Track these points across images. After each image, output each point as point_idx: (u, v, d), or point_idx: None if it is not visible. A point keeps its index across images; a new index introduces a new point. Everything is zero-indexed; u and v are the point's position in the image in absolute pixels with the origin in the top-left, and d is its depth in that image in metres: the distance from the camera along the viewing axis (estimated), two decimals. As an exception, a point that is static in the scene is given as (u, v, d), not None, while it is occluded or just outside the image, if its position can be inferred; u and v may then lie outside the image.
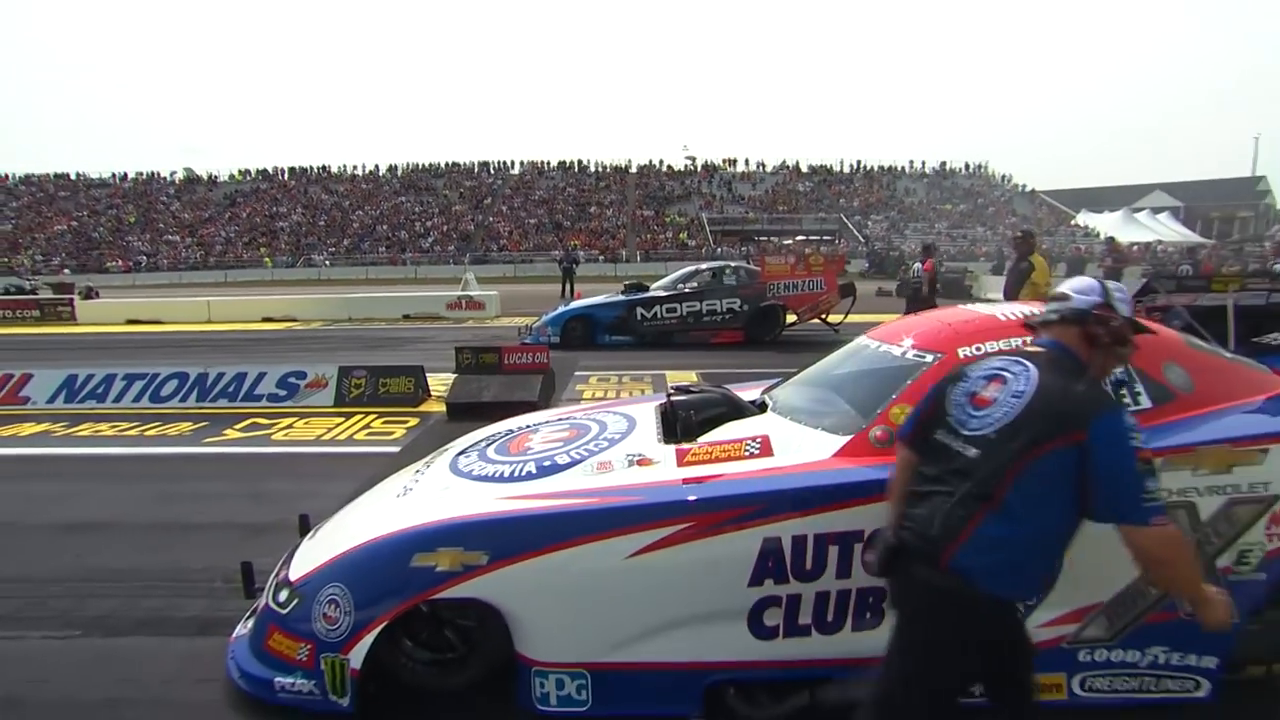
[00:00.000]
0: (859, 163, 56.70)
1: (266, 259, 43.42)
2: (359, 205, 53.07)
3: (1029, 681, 1.75)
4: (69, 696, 2.50)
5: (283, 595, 2.56)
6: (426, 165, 58.74)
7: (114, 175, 57.55)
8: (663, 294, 10.67)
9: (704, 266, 11.00)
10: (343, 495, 4.17)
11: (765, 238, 47.30)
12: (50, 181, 56.31)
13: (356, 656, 2.36)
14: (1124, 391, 2.32)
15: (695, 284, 10.72)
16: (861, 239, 44.87)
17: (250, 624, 2.73)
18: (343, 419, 6.37)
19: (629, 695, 2.37)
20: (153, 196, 55.16)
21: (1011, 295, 6.97)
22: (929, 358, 2.53)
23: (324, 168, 59.00)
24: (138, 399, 6.90)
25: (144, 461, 5.31)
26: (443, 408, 6.60)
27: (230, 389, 6.87)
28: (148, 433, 6.04)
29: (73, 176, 56.98)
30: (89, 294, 16.86)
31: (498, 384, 6.43)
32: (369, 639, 2.35)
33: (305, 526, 3.24)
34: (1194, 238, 54.71)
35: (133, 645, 2.83)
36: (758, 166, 57.13)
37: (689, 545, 2.29)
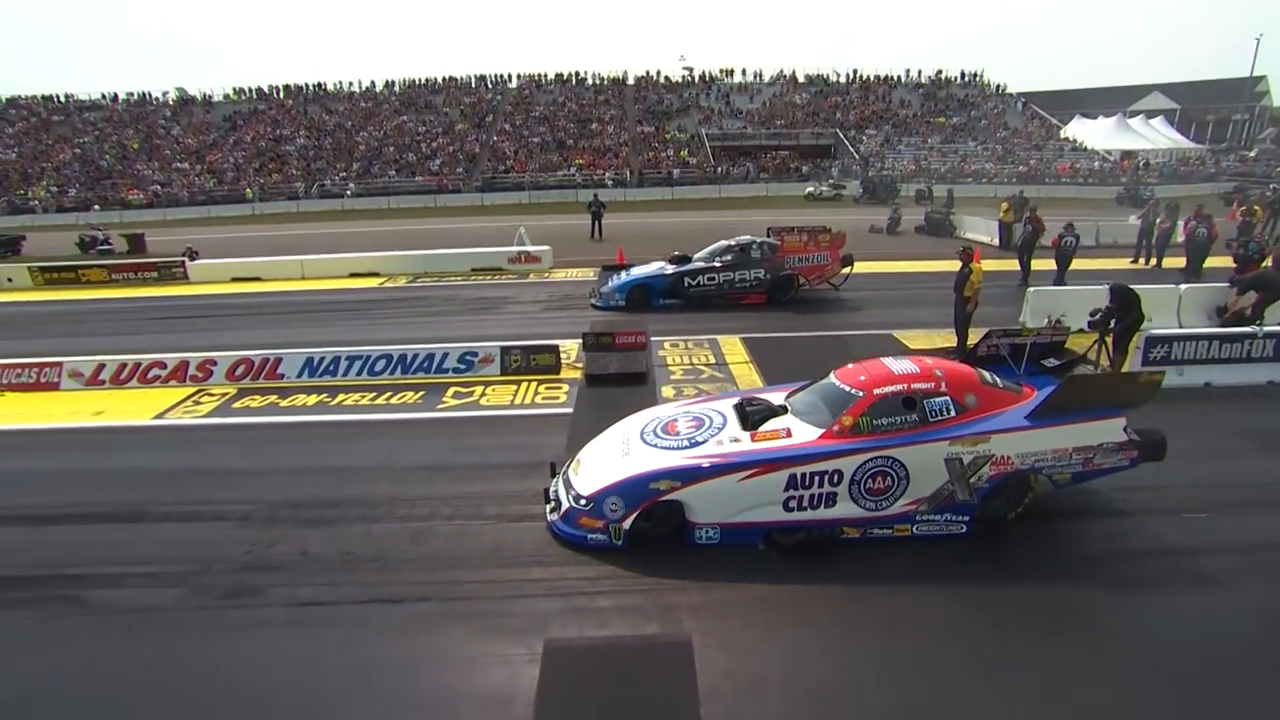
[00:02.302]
0: (855, 72, 57.08)
1: (248, 190, 43.84)
2: (361, 126, 53.55)
3: None
4: (492, 546, 5.84)
5: (582, 502, 5.86)
6: (424, 81, 58.78)
7: (103, 96, 57.35)
8: (703, 265, 13.72)
9: (734, 242, 13.90)
10: (561, 444, 7.47)
11: (765, 153, 48.76)
12: (39, 105, 55.58)
13: (627, 524, 5.70)
14: (941, 410, 5.60)
15: (729, 258, 13.75)
16: (856, 155, 46.57)
17: (556, 515, 6.05)
18: (515, 386, 9.59)
19: (735, 536, 5.74)
20: (149, 120, 55.07)
21: (959, 290, 10.14)
22: (859, 393, 5.78)
23: (319, 85, 58.94)
24: (360, 373, 10.04)
25: (418, 424, 8.54)
26: (576, 374, 9.85)
27: (425, 364, 10.00)
28: (392, 401, 9.26)
29: (61, 99, 56.50)
30: (193, 255, 19.45)
31: (616, 359, 9.65)
32: (632, 518, 5.70)
33: (553, 468, 6.55)
34: (1186, 143, 55.87)
35: (523, 528, 6.17)
36: (754, 77, 57.58)
37: (762, 476, 5.60)
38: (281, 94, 58.32)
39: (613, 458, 6.16)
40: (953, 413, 5.66)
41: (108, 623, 5.08)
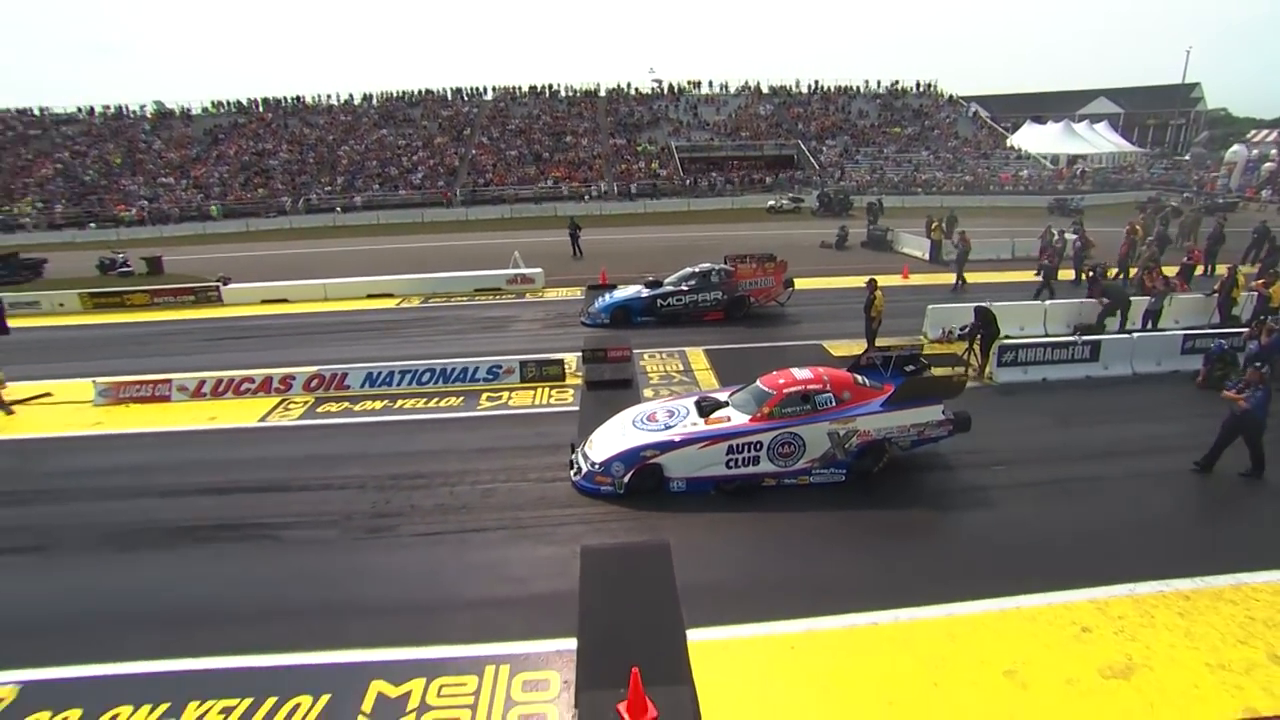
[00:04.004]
0: (816, 83, 60.74)
1: (213, 208, 45.41)
2: (342, 140, 55.31)
3: None
4: (538, 497, 8.84)
5: (596, 466, 8.91)
6: (400, 94, 60.85)
7: (79, 109, 58.19)
8: (672, 289, 16.82)
9: (697, 269, 17.02)
10: (574, 431, 10.48)
11: (731, 164, 51.95)
12: (14, 119, 55.80)
13: (627, 479, 8.77)
14: (826, 401, 8.74)
15: (693, 282, 16.88)
16: (816, 165, 50.04)
17: (579, 476, 9.08)
18: (533, 391, 12.55)
19: (696, 485, 8.87)
20: (128, 133, 55.92)
21: (867, 311, 13.34)
22: (774, 392, 8.94)
23: (298, 98, 60.57)
24: (410, 383, 12.88)
25: (466, 421, 11.45)
26: (578, 380, 12.83)
27: (460, 375, 12.89)
28: (441, 404, 12.15)
29: (35, 112, 56.83)
30: (225, 281, 21.94)
31: (609, 369, 12.67)
32: (629, 475, 8.77)
33: (573, 446, 9.57)
34: (1128, 147, 60.28)
35: (556, 485, 9.16)
36: (720, 88, 60.84)
37: (712, 446, 8.75)
38: (261, 107, 59.82)
39: (615, 437, 9.18)
40: (834, 403, 8.79)
41: (297, 548, 8.00)
